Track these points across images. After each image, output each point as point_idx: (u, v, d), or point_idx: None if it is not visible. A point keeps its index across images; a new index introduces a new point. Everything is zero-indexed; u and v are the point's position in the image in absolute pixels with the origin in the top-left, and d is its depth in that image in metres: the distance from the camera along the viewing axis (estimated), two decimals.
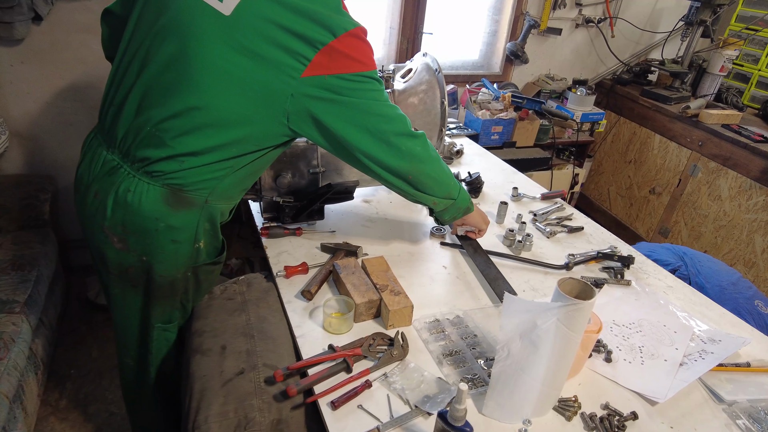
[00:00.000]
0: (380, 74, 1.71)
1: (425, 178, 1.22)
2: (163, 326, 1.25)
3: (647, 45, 3.47)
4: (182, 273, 1.17)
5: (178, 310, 1.25)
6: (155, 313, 1.21)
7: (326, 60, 0.98)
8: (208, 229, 1.16)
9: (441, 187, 1.28)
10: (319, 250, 1.43)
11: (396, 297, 1.16)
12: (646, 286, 1.44)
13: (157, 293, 1.17)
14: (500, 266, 1.42)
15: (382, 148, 1.12)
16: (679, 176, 2.92)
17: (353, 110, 1.06)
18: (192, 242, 1.13)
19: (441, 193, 1.29)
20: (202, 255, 1.17)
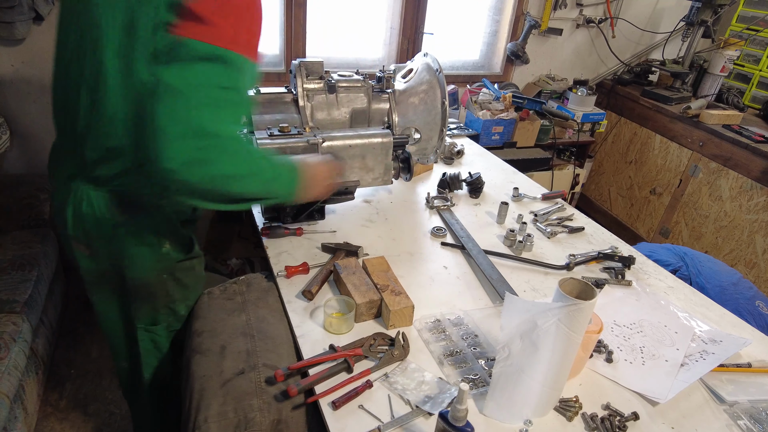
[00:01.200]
0: (380, 74, 1.71)
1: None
2: (147, 328, 1.24)
3: (648, 45, 3.46)
4: (155, 276, 1.16)
5: (164, 313, 1.24)
6: (137, 315, 1.22)
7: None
8: (170, 231, 1.14)
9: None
10: (320, 250, 1.43)
11: (397, 297, 1.15)
12: (647, 287, 1.43)
13: (135, 296, 1.18)
14: (501, 266, 1.42)
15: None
16: (679, 176, 2.91)
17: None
18: (155, 245, 1.13)
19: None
20: (171, 256, 1.16)
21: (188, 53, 0.87)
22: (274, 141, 1.40)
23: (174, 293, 1.22)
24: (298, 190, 1.12)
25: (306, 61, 1.60)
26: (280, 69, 2.55)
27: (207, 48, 0.88)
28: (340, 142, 1.50)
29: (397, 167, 1.64)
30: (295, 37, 2.45)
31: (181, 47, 0.87)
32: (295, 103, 1.60)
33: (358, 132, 1.54)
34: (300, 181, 1.12)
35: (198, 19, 0.87)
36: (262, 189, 1.04)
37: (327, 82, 1.60)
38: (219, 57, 0.89)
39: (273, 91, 1.61)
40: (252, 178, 0.98)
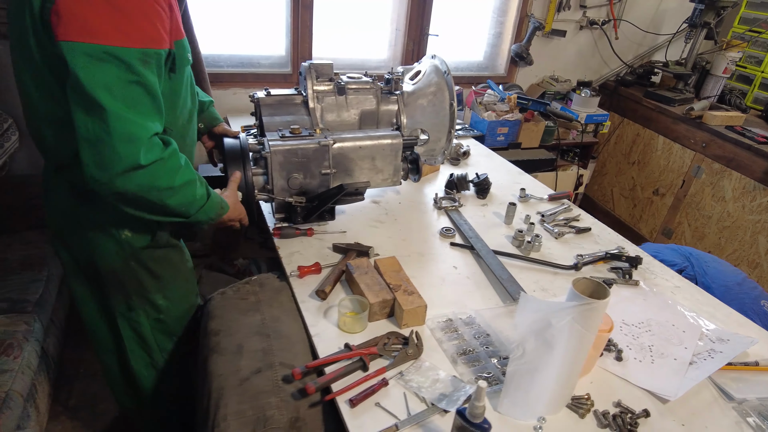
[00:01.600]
0: (389, 76, 1.73)
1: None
2: (125, 314, 1.28)
3: (650, 47, 3.48)
4: (122, 263, 1.20)
5: (139, 302, 1.27)
6: (112, 301, 1.26)
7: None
8: (128, 219, 1.15)
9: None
10: (331, 250, 1.44)
11: (409, 297, 1.17)
12: (654, 287, 1.45)
13: (106, 283, 1.23)
14: (510, 267, 1.43)
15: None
16: (682, 177, 2.93)
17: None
18: (114, 233, 1.16)
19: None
20: (132, 243, 1.19)
21: (79, 57, 0.89)
22: (285, 142, 1.41)
23: (146, 283, 1.25)
24: (215, 217, 1.18)
25: (316, 63, 1.61)
26: (287, 70, 2.56)
27: (95, 48, 0.89)
28: (351, 144, 1.51)
29: (405, 168, 1.66)
30: (301, 39, 2.47)
31: (71, 51, 0.89)
32: (305, 104, 1.61)
33: (368, 133, 1.55)
34: (220, 213, 1.19)
35: (76, 19, 0.88)
36: (187, 206, 1.09)
37: (336, 84, 1.62)
38: (112, 55, 0.90)
39: (283, 92, 1.63)
40: (184, 190, 1.06)
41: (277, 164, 1.42)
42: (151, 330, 1.34)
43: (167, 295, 1.32)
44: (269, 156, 1.40)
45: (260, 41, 2.49)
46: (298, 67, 2.55)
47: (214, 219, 1.18)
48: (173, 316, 1.37)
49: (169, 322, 1.36)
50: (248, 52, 2.48)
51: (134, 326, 1.31)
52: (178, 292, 1.36)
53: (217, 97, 2.40)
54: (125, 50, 0.92)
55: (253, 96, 1.61)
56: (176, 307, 1.37)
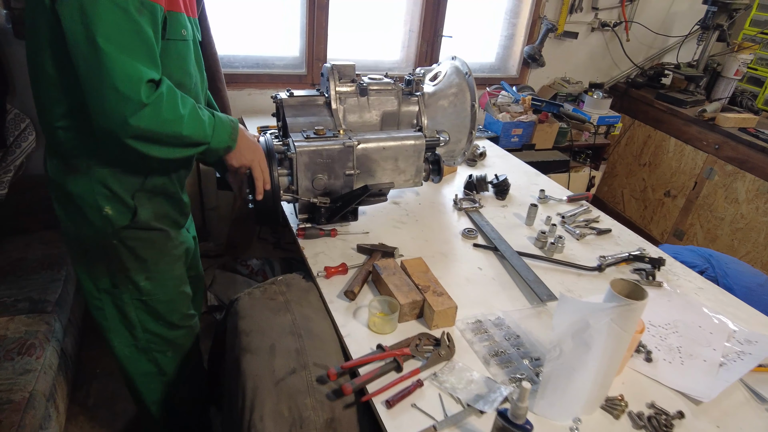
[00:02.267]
0: (410, 77, 1.73)
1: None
2: (108, 290, 1.30)
3: (660, 49, 3.49)
4: (104, 240, 1.23)
5: (123, 281, 1.29)
6: (95, 274, 1.29)
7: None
8: (109, 196, 1.19)
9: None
10: (355, 251, 1.44)
11: (439, 298, 1.17)
12: (677, 288, 1.45)
13: (89, 255, 1.27)
14: (534, 268, 1.43)
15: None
16: (694, 179, 2.93)
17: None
18: (95, 209, 1.19)
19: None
20: (115, 221, 1.21)
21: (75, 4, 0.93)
22: (310, 143, 1.42)
23: (128, 262, 1.27)
24: (232, 140, 1.21)
25: (338, 64, 1.62)
26: (301, 71, 2.57)
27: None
28: (374, 144, 1.52)
29: (427, 169, 1.66)
30: (316, 40, 2.47)
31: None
32: (327, 105, 1.62)
33: (390, 134, 1.56)
34: (234, 131, 1.22)
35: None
36: (202, 130, 1.13)
37: (359, 85, 1.62)
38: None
39: (305, 93, 1.63)
40: (192, 118, 1.09)
41: (302, 165, 1.42)
42: (135, 309, 1.35)
43: (150, 278, 1.33)
44: (295, 157, 1.40)
45: (275, 42, 2.50)
46: (312, 68, 2.56)
47: (232, 140, 1.22)
48: (159, 300, 1.37)
49: (154, 305, 1.37)
50: (263, 53, 2.49)
51: (118, 304, 1.33)
52: (162, 276, 1.36)
53: (232, 98, 2.40)
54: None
55: (275, 97, 1.61)
56: (161, 291, 1.37)
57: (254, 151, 1.29)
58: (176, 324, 1.43)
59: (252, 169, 1.30)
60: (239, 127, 1.26)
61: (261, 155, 1.31)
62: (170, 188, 1.33)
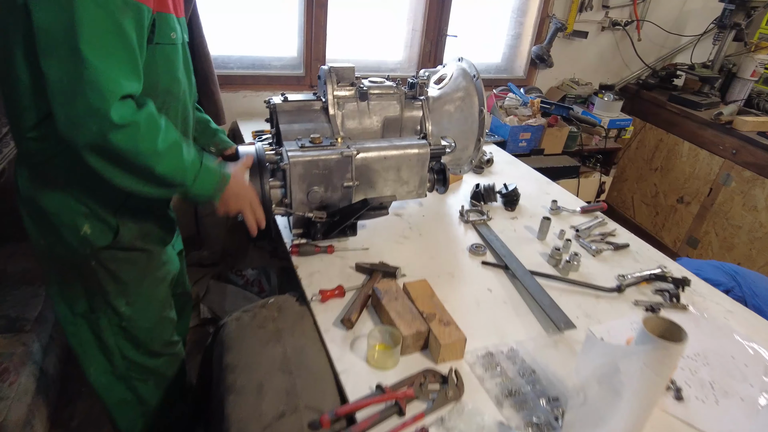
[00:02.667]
0: (413, 80, 1.61)
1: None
2: (84, 314, 1.20)
3: (672, 48, 3.36)
4: (81, 260, 1.12)
5: (101, 305, 1.19)
6: (71, 298, 1.19)
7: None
8: (88, 213, 1.09)
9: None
10: (354, 270, 1.33)
11: (446, 328, 1.06)
12: (704, 311, 1.33)
13: (64, 277, 1.16)
14: (548, 288, 1.32)
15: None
16: (709, 185, 2.81)
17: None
18: (72, 228, 1.09)
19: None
20: (94, 241, 1.11)
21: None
22: (305, 153, 1.30)
23: (107, 285, 1.17)
24: (217, 191, 1.11)
25: (337, 66, 1.50)
26: (299, 72, 2.45)
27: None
28: (375, 154, 1.40)
29: (432, 179, 1.55)
30: (315, 39, 2.35)
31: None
32: (324, 111, 1.50)
33: (393, 143, 1.44)
34: (221, 183, 1.11)
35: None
36: (181, 172, 1.01)
37: (358, 89, 1.51)
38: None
39: (301, 98, 1.51)
40: (171, 157, 0.98)
41: (296, 176, 1.30)
42: (113, 335, 1.24)
43: (131, 302, 1.22)
44: (288, 168, 1.28)
45: (272, 42, 2.38)
46: (311, 69, 2.44)
47: (216, 192, 1.11)
48: (140, 326, 1.27)
49: (135, 331, 1.26)
50: (259, 53, 2.37)
51: (95, 329, 1.22)
52: (144, 300, 1.25)
53: (226, 101, 2.29)
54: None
55: (268, 101, 1.49)
56: (142, 316, 1.26)
57: (242, 198, 1.18)
58: (158, 352, 1.32)
59: (243, 214, 1.20)
60: (231, 177, 1.15)
61: (252, 200, 1.21)
62: (157, 204, 1.22)
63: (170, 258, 1.35)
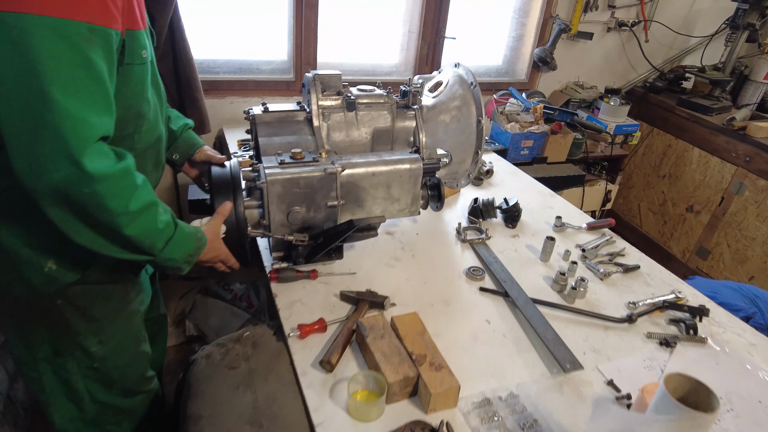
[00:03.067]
0: (406, 88, 1.49)
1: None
2: (48, 359, 1.08)
3: (681, 50, 3.23)
4: (44, 300, 1.00)
5: (68, 346, 1.07)
6: (33, 342, 1.06)
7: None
8: (53, 248, 0.97)
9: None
10: (338, 298, 1.21)
11: (438, 373, 0.94)
12: (725, 344, 1.21)
13: (25, 320, 1.04)
14: (552, 318, 1.20)
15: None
16: (721, 194, 2.68)
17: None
18: (33, 265, 0.97)
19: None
20: (60, 277, 0.99)
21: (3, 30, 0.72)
22: (285, 170, 1.18)
23: (76, 324, 1.05)
24: (187, 263, 1.01)
25: (321, 74, 1.38)
26: (289, 77, 2.33)
27: (28, 20, 0.72)
28: (362, 170, 1.28)
29: (425, 196, 1.42)
30: (305, 42, 2.23)
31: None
32: (308, 122, 1.38)
33: (382, 157, 1.32)
34: (194, 254, 1.02)
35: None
36: (150, 239, 0.91)
37: (346, 98, 1.39)
38: (50, 28, 0.73)
39: (283, 108, 1.39)
40: (143, 220, 0.88)
41: (274, 196, 1.18)
42: (83, 378, 1.13)
43: (103, 341, 1.11)
44: (265, 187, 1.16)
45: (260, 45, 2.26)
46: (301, 74, 2.32)
47: (191, 257, 1.00)
48: (114, 366, 1.15)
49: (108, 371, 1.15)
50: (247, 56, 2.25)
51: (61, 374, 1.10)
52: (118, 336, 1.14)
53: (212, 107, 2.17)
54: (66, 23, 0.74)
55: (248, 112, 1.38)
56: (116, 354, 1.15)
57: (213, 258, 1.10)
58: (133, 390, 1.21)
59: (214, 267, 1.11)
60: (205, 240, 1.04)
61: (222, 257, 1.12)
62: None
63: (143, 286, 1.24)
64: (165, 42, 1.86)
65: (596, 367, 1.09)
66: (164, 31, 1.83)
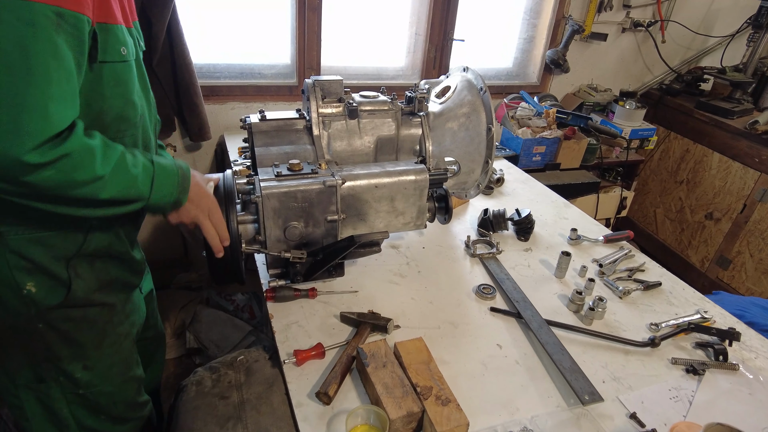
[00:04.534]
0: (411, 94, 1.42)
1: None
2: (29, 385, 1.01)
3: (698, 50, 3.11)
4: (24, 325, 0.94)
5: (50, 371, 1.01)
6: (10, 367, 1.00)
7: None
8: (31, 269, 0.91)
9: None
10: (338, 320, 1.13)
11: (444, 408, 0.85)
12: (759, 372, 1.11)
13: (4, 342, 0.97)
14: (567, 341, 1.11)
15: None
16: (743, 201, 2.56)
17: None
18: (11, 288, 0.90)
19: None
20: (40, 300, 0.93)
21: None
22: (281, 183, 1.11)
23: (58, 349, 0.98)
24: (181, 192, 0.93)
25: (322, 79, 1.31)
26: (292, 81, 2.26)
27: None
28: (365, 182, 1.20)
29: (432, 208, 1.34)
30: (308, 45, 2.16)
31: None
32: (308, 131, 1.31)
33: (385, 168, 1.24)
34: (184, 180, 0.94)
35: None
36: (134, 187, 0.85)
37: (347, 105, 1.31)
38: (9, 10, 0.68)
39: (281, 116, 1.32)
40: (117, 175, 0.82)
41: (270, 211, 1.11)
42: (68, 405, 1.06)
43: (89, 366, 1.04)
44: (260, 201, 1.09)
45: (262, 48, 2.19)
46: (303, 78, 2.25)
47: (183, 186, 0.93)
48: (101, 392, 1.08)
49: (95, 397, 1.08)
50: (249, 60, 2.19)
51: (43, 400, 1.04)
52: (105, 361, 1.07)
53: (212, 113, 2.11)
54: (31, 5, 0.69)
55: (244, 120, 1.31)
56: (103, 380, 1.08)
57: (198, 206, 0.98)
58: (123, 417, 1.14)
59: (200, 225, 0.99)
60: (191, 174, 0.97)
61: (210, 205, 1.01)
62: (118, 247, 1.04)
63: (136, 307, 1.17)
64: (163, 46, 1.80)
65: (617, 398, 1.01)
66: (162, 35, 1.77)
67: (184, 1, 1.90)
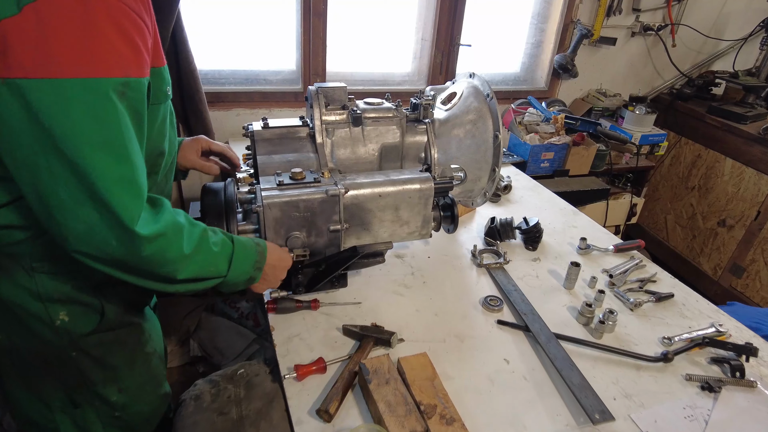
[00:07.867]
0: (416, 100, 1.39)
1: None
2: (64, 410, 1.01)
3: (710, 54, 3.06)
4: (56, 353, 0.92)
5: (85, 396, 1.00)
6: (46, 394, 0.98)
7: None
8: (63, 300, 0.89)
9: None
10: (341, 332, 1.11)
11: (449, 428, 0.82)
12: None
13: (35, 372, 0.96)
14: (577, 356, 1.08)
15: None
16: (757, 207, 2.51)
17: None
18: (43, 320, 0.89)
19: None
20: (73, 329, 0.91)
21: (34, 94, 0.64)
22: (283, 192, 1.09)
23: (92, 374, 0.97)
24: (257, 269, 0.94)
25: (325, 87, 1.29)
26: (297, 87, 2.25)
27: (59, 84, 0.64)
28: (368, 191, 1.17)
29: (437, 217, 1.31)
30: (314, 52, 2.15)
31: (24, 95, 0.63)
32: (311, 139, 1.29)
33: (389, 177, 1.21)
34: (261, 259, 0.94)
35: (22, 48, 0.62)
36: (213, 265, 0.85)
37: (351, 112, 1.29)
38: (84, 89, 0.65)
39: (285, 123, 1.30)
40: (199, 254, 0.81)
41: (272, 220, 1.09)
42: (103, 428, 1.05)
43: (124, 388, 1.03)
44: (261, 210, 1.07)
45: (268, 55, 2.19)
46: (309, 84, 2.23)
47: (258, 263, 0.93)
48: (136, 412, 1.08)
49: (131, 418, 1.07)
50: (254, 67, 2.18)
51: (79, 423, 1.03)
52: (139, 381, 1.07)
53: (218, 120, 2.11)
54: (98, 81, 0.67)
55: (246, 128, 1.29)
56: (138, 401, 1.07)
57: (281, 270, 1.03)
58: None
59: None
60: (267, 248, 0.97)
61: (280, 276, 1.06)
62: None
63: (153, 325, 1.17)
64: (167, 53, 1.80)
65: (629, 416, 0.97)
66: (166, 42, 1.76)
67: (189, 8, 1.90)
